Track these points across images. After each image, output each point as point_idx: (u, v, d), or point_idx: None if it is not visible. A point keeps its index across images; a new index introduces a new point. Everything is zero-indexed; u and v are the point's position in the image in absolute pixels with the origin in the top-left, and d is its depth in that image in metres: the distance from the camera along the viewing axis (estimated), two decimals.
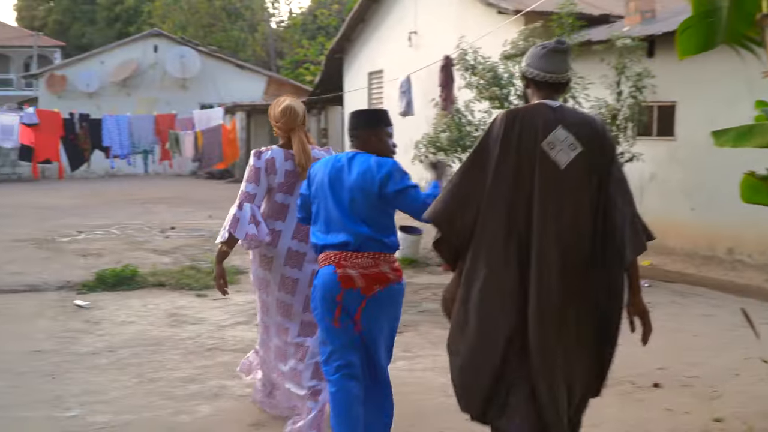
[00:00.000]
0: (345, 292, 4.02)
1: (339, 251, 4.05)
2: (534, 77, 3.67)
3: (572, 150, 3.53)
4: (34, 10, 59.30)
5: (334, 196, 4.08)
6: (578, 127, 3.57)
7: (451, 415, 5.12)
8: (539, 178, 3.50)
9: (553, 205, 3.50)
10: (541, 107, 3.60)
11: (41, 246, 11.78)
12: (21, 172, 25.37)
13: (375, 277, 4.04)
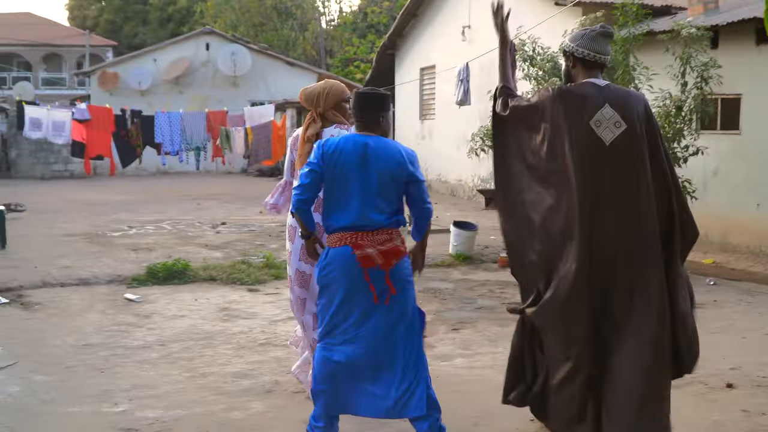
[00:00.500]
0: (366, 270, 4.18)
1: (357, 231, 4.22)
2: (584, 56, 4.03)
3: (617, 127, 3.89)
4: (86, 9, 60.09)
5: (360, 178, 4.21)
6: (619, 104, 3.92)
7: (516, 414, 4.91)
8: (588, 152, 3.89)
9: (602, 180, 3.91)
10: (587, 86, 3.98)
11: (92, 241, 11.74)
12: (73, 169, 25.56)
13: (392, 252, 4.23)
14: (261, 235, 12.31)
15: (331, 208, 4.30)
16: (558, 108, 3.97)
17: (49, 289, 8.53)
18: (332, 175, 4.24)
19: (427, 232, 4.57)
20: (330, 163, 4.23)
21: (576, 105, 3.94)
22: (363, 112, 4.34)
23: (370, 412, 4.33)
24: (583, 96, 3.95)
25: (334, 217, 4.27)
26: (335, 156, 4.23)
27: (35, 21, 50.73)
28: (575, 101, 3.95)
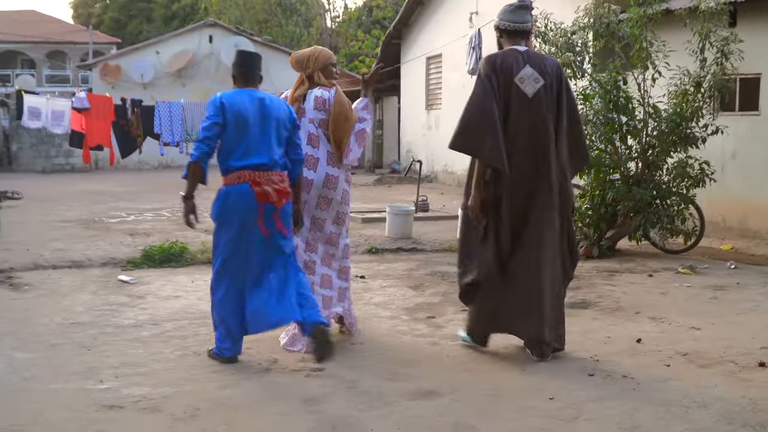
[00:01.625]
0: (262, 206, 4.90)
1: (256, 171, 4.93)
2: (507, 27, 5.13)
3: (536, 83, 4.97)
4: (90, 7, 59.89)
5: (260, 125, 4.97)
6: (537, 64, 5.00)
7: (532, 393, 4.56)
8: (514, 105, 4.96)
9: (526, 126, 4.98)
10: (512, 52, 5.05)
11: (89, 226, 11.38)
12: (74, 163, 25.19)
13: (284, 192, 5.01)
14: None
15: (231, 152, 4.97)
16: (491, 72, 4.98)
17: (41, 272, 8.18)
18: (234, 125, 4.92)
19: (300, 178, 5.29)
20: (231, 115, 4.92)
21: (504, 67, 4.98)
22: (248, 69, 5.17)
23: (257, 328, 5.05)
24: (508, 59, 5.01)
25: (234, 158, 4.96)
26: (236, 108, 4.94)
27: (39, 18, 50.51)
28: (503, 64, 4.99)
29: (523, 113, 4.95)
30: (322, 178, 5.52)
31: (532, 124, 4.97)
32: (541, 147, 5.00)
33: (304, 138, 5.49)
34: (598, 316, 6.51)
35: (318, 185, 5.51)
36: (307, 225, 5.51)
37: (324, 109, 5.54)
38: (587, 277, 8.16)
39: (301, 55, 5.64)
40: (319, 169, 5.53)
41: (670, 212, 9.25)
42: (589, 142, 9.45)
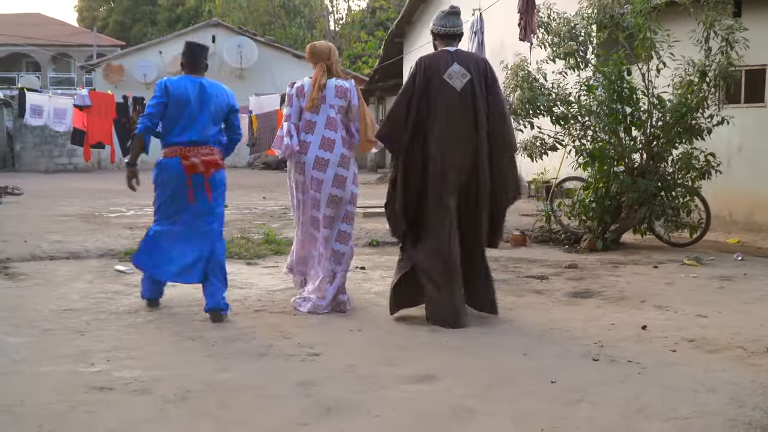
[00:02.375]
0: (191, 177, 5.68)
1: (186, 146, 5.70)
2: (438, 32, 5.81)
3: (463, 77, 5.62)
4: (95, 11, 59.86)
5: (198, 107, 5.73)
6: (465, 62, 5.66)
7: (533, 377, 4.45)
8: (443, 98, 5.58)
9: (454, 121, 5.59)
10: (442, 52, 5.75)
11: (88, 220, 11.29)
12: (77, 162, 25.17)
13: (211, 162, 5.76)
14: (263, 216, 11.84)
15: (170, 129, 5.74)
16: (416, 72, 5.67)
17: (37, 262, 8.07)
18: (174, 105, 5.69)
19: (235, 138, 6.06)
20: (174, 96, 5.69)
21: (434, 65, 5.66)
22: (195, 59, 5.92)
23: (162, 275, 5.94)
24: (438, 59, 5.71)
25: (172, 135, 5.73)
26: (179, 91, 5.72)
27: (44, 21, 50.46)
28: (434, 63, 5.68)
29: (455, 104, 5.60)
30: (337, 158, 6.09)
31: (462, 113, 5.61)
32: (470, 132, 5.62)
33: (322, 121, 6.07)
34: (601, 304, 6.38)
35: (334, 164, 6.07)
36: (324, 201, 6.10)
37: (344, 96, 6.16)
38: (591, 268, 8.04)
39: (321, 47, 6.23)
40: (335, 150, 6.09)
41: (676, 204, 9.12)
42: (592, 134, 9.35)
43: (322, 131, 6.05)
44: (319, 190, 6.07)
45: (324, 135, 6.04)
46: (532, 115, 9.21)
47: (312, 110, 6.06)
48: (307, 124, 6.09)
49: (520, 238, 9.72)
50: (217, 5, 42.36)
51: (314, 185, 6.07)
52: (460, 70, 5.62)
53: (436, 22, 5.82)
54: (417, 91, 5.63)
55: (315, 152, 6.04)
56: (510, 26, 13.71)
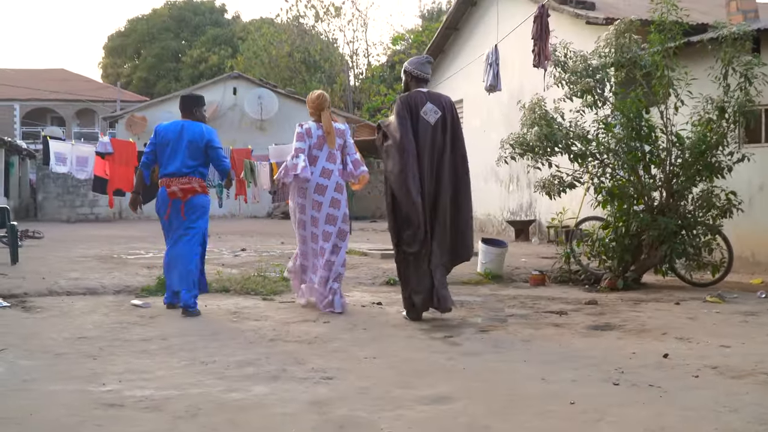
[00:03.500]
0: (172, 201, 7.14)
1: (170, 177, 7.15)
2: (417, 75, 7.07)
3: (436, 115, 6.88)
4: (120, 67, 60.88)
5: (176, 144, 7.15)
6: (436, 101, 6.94)
7: (552, 399, 4.34)
8: (421, 130, 6.83)
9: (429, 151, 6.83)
10: (418, 93, 6.99)
11: (106, 261, 11.30)
12: (98, 212, 25.35)
13: (188, 189, 7.14)
14: (280, 258, 11.79)
15: (160, 164, 7.28)
16: (402, 107, 6.85)
17: (54, 297, 8.07)
18: (162, 145, 7.23)
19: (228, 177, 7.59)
20: (160, 138, 7.25)
21: (412, 104, 6.88)
22: (184, 106, 7.41)
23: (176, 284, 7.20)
24: (415, 98, 6.92)
25: (161, 168, 7.25)
26: (163, 133, 7.27)
27: (69, 77, 51.34)
28: (412, 102, 6.89)
29: (428, 135, 6.86)
30: (334, 184, 7.40)
31: (433, 142, 6.88)
32: (439, 156, 6.90)
33: (324, 156, 7.39)
34: (622, 336, 6.27)
35: (331, 189, 7.37)
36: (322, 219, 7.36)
37: (342, 136, 7.56)
38: (611, 305, 7.92)
39: (325, 97, 7.55)
40: (332, 178, 7.40)
41: (697, 243, 9.01)
42: (611, 171, 9.30)
43: (323, 163, 7.37)
44: (319, 210, 7.34)
45: (324, 166, 7.37)
46: (549, 153, 9.18)
47: (318, 148, 7.37)
48: (313, 159, 7.35)
49: (540, 277, 9.62)
50: (239, 61, 42.94)
51: (315, 206, 7.35)
52: (433, 107, 6.91)
53: (415, 67, 7.09)
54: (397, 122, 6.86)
55: (316, 180, 7.33)
56: (528, 71, 13.79)
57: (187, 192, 7.13)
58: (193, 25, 59.35)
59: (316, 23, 42.61)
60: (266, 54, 41.77)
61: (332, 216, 7.34)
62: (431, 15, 45.65)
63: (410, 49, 36.33)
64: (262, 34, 43.01)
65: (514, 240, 15.43)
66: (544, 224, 15.04)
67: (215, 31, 56.97)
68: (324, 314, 7.13)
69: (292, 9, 42.19)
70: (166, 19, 60.19)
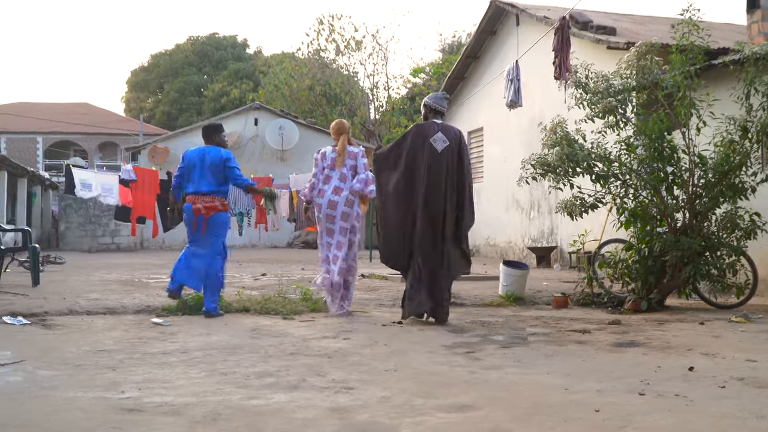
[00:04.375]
0: (196, 216, 8.27)
1: (195, 195, 8.29)
2: (434, 108, 8.13)
3: (444, 144, 7.83)
4: (143, 102, 61.51)
5: (200, 167, 8.31)
6: (447, 132, 7.93)
7: (576, 407, 4.27)
8: (428, 155, 7.78)
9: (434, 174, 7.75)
10: (432, 123, 8.02)
11: (126, 284, 11.31)
12: (120, 242, 25.48)
13: (211, 207, 8.28)
14: (301, 282, 11.75)
15: (186, 183, 8.43)
16: (416, 134, 7.94)
17: (75, 316, 8.07)
18: (188, 167, 8.41)
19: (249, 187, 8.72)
20: (187, 161, 8.45)
21: (423, 132, 7.91)
22: (206, 135, 8.62)
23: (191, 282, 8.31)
24: (427, 127, 7.95)
25: (187, 188, 8.40)
26: (189, 157, 8.45)
27: (92, 111, 51.96)
28: (423, 130, 7.93)
29: (435, 161, 7.81)
30: (344, 200, 8.37)
31: (439, 167, 7.81)
32: (446, 181, 7.83)
33: (336, 176, 8.40)
34: (647, 352, 6.17)
35: (341, 204, 8.37)
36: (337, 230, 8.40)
37: (354, 158, 8.46)
38: (635, 324, 7.83)
39: (345, 124, 8.70)
40: (342, 195, 8.38)
41: (721, 264, 8.90)
42: (633, 191, 9.24)
43: (335, 182, 8.39)
44: (332, 223, 8.37)
45: (335, 185, 8.38)
46: (571, 173, 9.13)
47: (331, 168, 8.42)
48: (326, 178, 8.46)
49: (562, 299, 9.54)
50: (261, 95, 43.25)
51: (329, 220, 8.38)
52: (442, 137, 7.88)
53: (434, 101, 8.15)
54: (410, 145, 7.92)
55: (328, 197, 8.35)
56: (549, 97, 13.80)
57: (210, 209, 8.27)
58: (216, 59, 60.00)
59: (337, 57, 42.92)
60: (287, 87, 42.05)
61: (344, 228, 8.37)
62: (451, 49, 45.89)
63: (430, 81, 36.51)
64: (284, 68, 43.36)
65: (535, 266, 15.33)
66: (566, 250, 14.95)
67: (237, 65, 57.53)
68: (344, 331, 7.10)
69: (313, 43, 42.59)
70: (189, 54, 60.90)
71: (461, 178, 7.92)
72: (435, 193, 7.75)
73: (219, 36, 62.49)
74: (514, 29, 17.43)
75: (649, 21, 17.15)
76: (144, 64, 63.48)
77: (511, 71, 13.60)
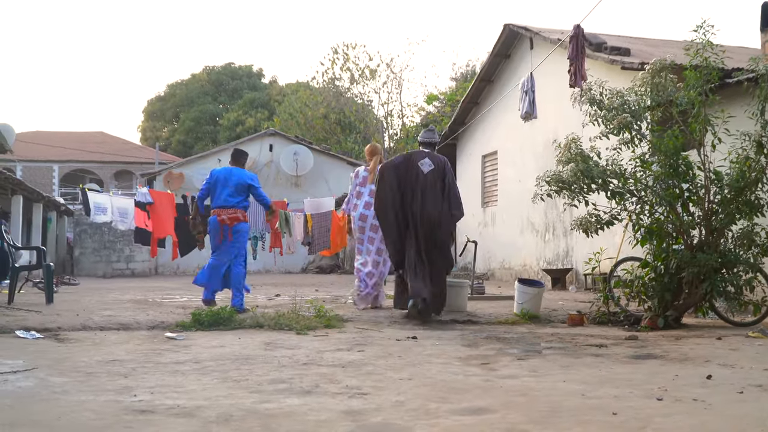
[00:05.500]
0: (222, 226, 9.73)
1: (221, 208, 9.75)
2: (422, 141, 9.92)
3: (429, 167, 9.43)
4: (159, 131, 61.95)
5: (226, 184, 9.78)
6: (433, 159, 9.50)
7: (593, 411, 4.21)
8: (415, 177, 9.39)
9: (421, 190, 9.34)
10: (421, 151, 9.72)
11: (140, 303, 11.30)
12: (134, 267, 25.55)
13: (233, 218, 9.76)
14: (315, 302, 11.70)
15: (212, 198, 9.81)
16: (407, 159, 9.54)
17: (88, 331, 8.04)
18: (214, 183, 9.85)
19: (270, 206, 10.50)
20: (214, 178, 9.89)
21: (413, 158, 9.51)
22: (235, 158, 10.24)
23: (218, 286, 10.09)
24: (417, 154, 9.60)
25: (213, 201, 9.75)
26: (217, 175, 9.96)
27: (107, 139, 52.35)
28: (413, 157, 9.55)
29: (421, 181, 9.40)
30: (372, 215, 9.90)
31: (425, 187, 9.39)
32: (433, 201, 9.34)
33: (367, 192, 10.14)
34: (664, 363, 6.10)
35: (370, 218, 10.00)
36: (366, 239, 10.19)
37: None
38: (653, 340, 7.75)
39: (378, 147, 10.53)
40: (371, 210, 9.88)
41: (737, 280, 8.81)
42: (649, 208, 9.18)
43: (365, 198, 10.10)
44: (363, 233, 10.10)
45: (366, 200, 10.09)
46: (586, 190, 9.08)
47: (362, 185, 10.15)
48: (358, 194, 10.23)
49: (578, 317, 9.45)
50: (276, 123, 43.49)
51: (360, 231, 10.09)
52: (428, 161, 9.48)
53: (421, 136, 9.98)
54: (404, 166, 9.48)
55: (361, 210, 10.12)
56: (563, 120, 13.80)
57: (233, 220, 9.80)
58: (231, 88, 60.50)
59: (351, 85, 43.16)
60: (302, 115, 42.29)
61: (372, 238, 10.04)
62: (465, 78, 46.06)
63: (444, 107, 36.60)
64: (299, 97, 43.63)
65: (550, 289, 15.23)
66: (581, 272, 14.85)
67: (252, 94, 57.97)
68: (358, 344, 7.06)
69: (327, 72, 42.85)
70: (205, 83, 61.42)
71: (443, 192, 9.43)
72: (423, 204, 9.30)
73: (234, 66, 63.06)
74: (527, 52, 17.47)
75: (663, 44, 17.15)
76: (160, 94, 64.10)
77: (526, 83, 13.62)
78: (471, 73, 46.23)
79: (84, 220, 23.86)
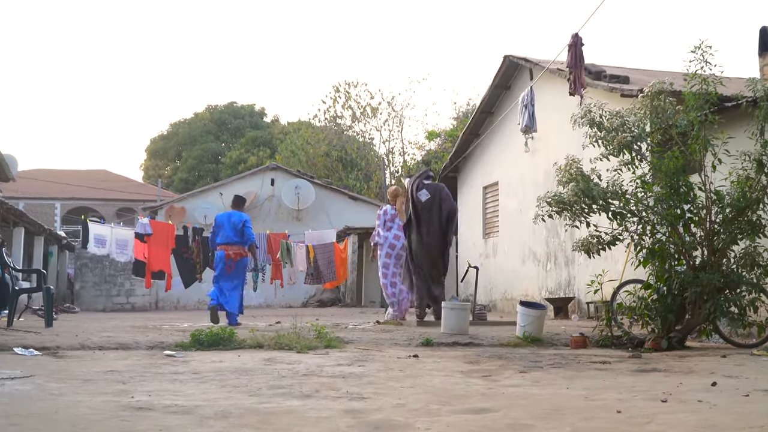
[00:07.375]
0: (227, 259, 12.16)
1: (227, 245, 12.20)
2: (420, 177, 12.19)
3: (425, 196, 11.70)
4: (161, 169, 62.10)
5: (227, 225, 12.24)
6: (429, 188, 11.80)
7: (597, 410, 4.18)
8: (415, 206, 11.72)
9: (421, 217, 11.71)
10: (420, 182, 11.89)
11: (140, 328, 11.23)
12: (134, 302, 25.45)
13: (237, 253, 12.26)
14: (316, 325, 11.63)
15: (217, 236, 12.34)
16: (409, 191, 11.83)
17: (87, 350, 7.98)
18: (218, 226, 12.36)
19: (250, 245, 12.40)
20: (218, 222, 12.42)
21: (413, 189, 11.74)
22: (234, 202, 12.74)
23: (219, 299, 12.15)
24: (417, 185, 11.74)
25: (218, 239, 12.28)
26: (220, 219, 12.45)
27: (110, 177, 52.44)
28: (414, 186, 11.75)
29: (419, 209, 11.53)
30: (400, 245, 12.06)
31: (422, 210, 11.55)
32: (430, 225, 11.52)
33: (396, 226, 12.14)
34: (669, 375, 6.04)
35: (398, 248, 12.10)
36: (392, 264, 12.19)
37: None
38: (656, 358, 7.68)
39: (398, 190, 12.47)
40: (400, 241, 12.04)
41: (740, 301, 8.75)
42: (651, 228, 9.15)
43: (395, 231, 12.10)
44: (389, 258, 12.09)
45: (395, 233, 12.10)
46: (587, 211, 9.06)
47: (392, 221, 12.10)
48: (387, 228, 12.15)
49: (580, 339, 9.37)
50: (278, 160, 43.62)
51: (388, 256, 12.11)
52: (426, 192, 11.51)
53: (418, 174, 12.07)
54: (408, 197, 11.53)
55: (390, 240, 12.13)
56: (563, 147, 13.83)
57: (237, 254, 12.21)
58: (233, 127, 60.75)
59: (353, 123, 43.37)
60: (304, 153, 42.42)
61: (397, 263, 12.11)
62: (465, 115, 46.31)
63: (445, 143, 36.75)
64: (300, 135, 43.82)
65: (553, 318, 15.14)
66: (584, 301, 14.78)
67: (254, 133, 58.18)
68: (359, 360, 7.01)
69: (329, 110, 43.07)
70: (207, 122, 61.67)
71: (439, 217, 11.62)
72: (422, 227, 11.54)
73: (237, 105, 63.38)
74: (527, 83, 17.56)
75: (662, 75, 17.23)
76: (163, 132, 64.34)
77: (525, 97, 13.68)
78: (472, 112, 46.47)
79: (84, 254, 23.81)
